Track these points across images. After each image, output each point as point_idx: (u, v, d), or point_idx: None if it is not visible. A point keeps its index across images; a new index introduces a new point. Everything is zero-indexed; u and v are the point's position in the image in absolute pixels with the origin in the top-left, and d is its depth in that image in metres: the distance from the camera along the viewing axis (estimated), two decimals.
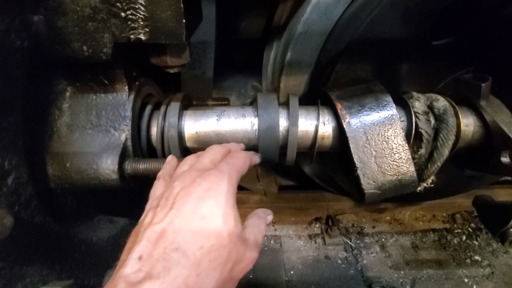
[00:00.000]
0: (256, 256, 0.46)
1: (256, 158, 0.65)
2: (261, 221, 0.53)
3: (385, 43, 0.99)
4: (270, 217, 0.56)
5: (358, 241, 1.76)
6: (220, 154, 0.56)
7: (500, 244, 0.98)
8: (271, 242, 1.76)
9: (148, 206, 0.50)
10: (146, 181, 0.64)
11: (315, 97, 0.89)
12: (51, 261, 0.60)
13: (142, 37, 0.55)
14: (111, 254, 0.78)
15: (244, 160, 0.55)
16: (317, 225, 1.84)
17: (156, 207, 0.45)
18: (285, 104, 0.83)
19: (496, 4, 0.96)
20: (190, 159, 0.57)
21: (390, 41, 0.98)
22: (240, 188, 1.75)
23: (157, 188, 0.53)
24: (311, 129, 0.79)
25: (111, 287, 0.37)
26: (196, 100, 0.97)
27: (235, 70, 1.55)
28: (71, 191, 0.68)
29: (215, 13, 1.13)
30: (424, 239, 1.77)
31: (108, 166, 0.63)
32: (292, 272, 1.60)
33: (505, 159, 0.75)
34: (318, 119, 0.79)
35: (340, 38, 1.04)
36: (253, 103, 1.03)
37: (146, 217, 0.45)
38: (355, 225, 1.84)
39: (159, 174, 0.57)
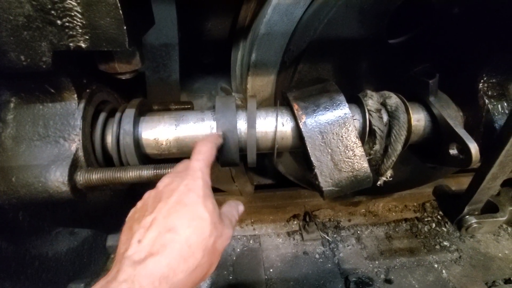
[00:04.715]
0: (232, 233, 0.57)
1: (219, 139, 0.73)
2: (232, 207, 0.64)
3: (344, 43, 1.01)
4: (241, 207, 0.67)
5: (335, 235, 1.80)
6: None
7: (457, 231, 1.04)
8: (250, 241, 1.77)
9: (139, 204, 0.58)
10: (120, 191, 0.64)
11: (281, 99, 0.90)
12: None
13: (82, 44, 0.54)
14: (71, 267, 0.76)
15: (209, 150, 0.64)
16: (295, 222, 1.87)
17: (145, 204, 0.55)
18: (245, 107, 0.83)
19: (445, 3, 1.01)
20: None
21: (348, 40, 1.01)
22: (217, 190, 1.74)
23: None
24: (271, 130, 0.80)
25: (118, 266, 0.44)
26: (158, 104, 0.95)
27: (205, 72, 1.54)
28: (20, 206, 0.66)
29: (176, 15, 1.11)
30: (397, 229, 1.84)
31: (57, 178, 0.61)
32: (271, 270, 1.61)
33: (452, 151, 0.79)
34: (277, 120, 0.80)
35: (301, 39, 1.06)
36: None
37: (136, 213, 0.54)
38: (332, 220, 1.89)
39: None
